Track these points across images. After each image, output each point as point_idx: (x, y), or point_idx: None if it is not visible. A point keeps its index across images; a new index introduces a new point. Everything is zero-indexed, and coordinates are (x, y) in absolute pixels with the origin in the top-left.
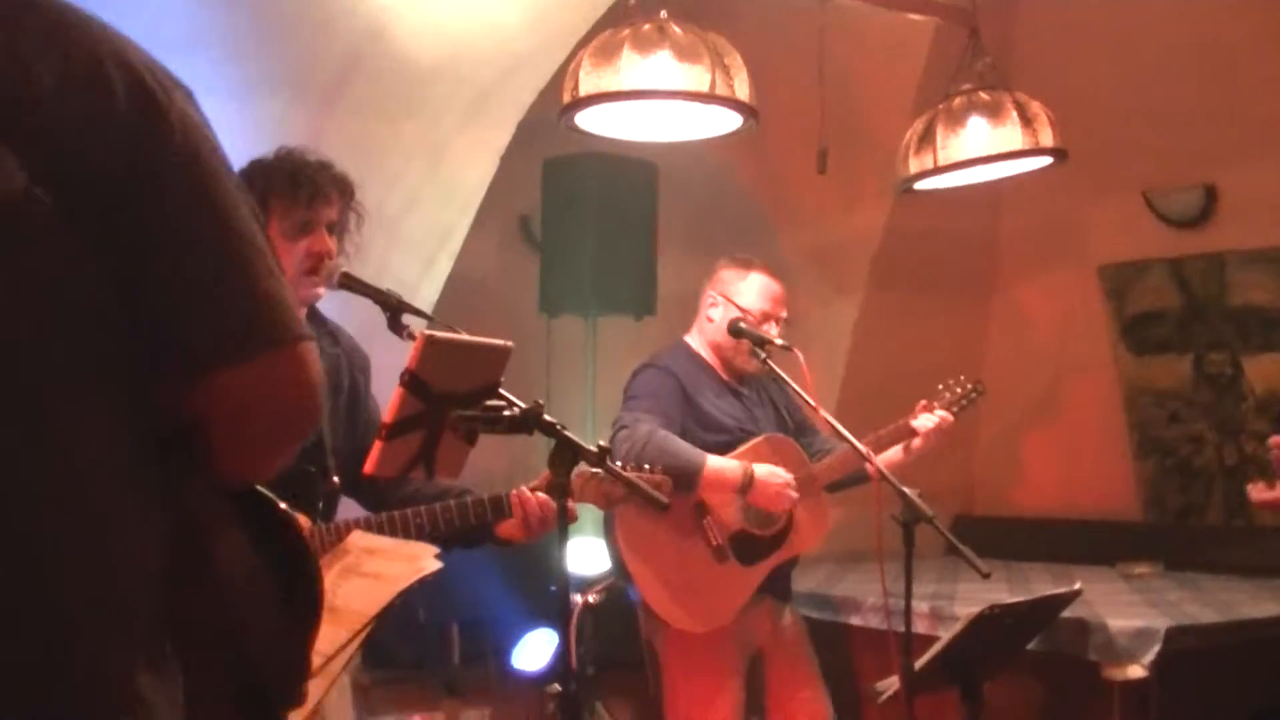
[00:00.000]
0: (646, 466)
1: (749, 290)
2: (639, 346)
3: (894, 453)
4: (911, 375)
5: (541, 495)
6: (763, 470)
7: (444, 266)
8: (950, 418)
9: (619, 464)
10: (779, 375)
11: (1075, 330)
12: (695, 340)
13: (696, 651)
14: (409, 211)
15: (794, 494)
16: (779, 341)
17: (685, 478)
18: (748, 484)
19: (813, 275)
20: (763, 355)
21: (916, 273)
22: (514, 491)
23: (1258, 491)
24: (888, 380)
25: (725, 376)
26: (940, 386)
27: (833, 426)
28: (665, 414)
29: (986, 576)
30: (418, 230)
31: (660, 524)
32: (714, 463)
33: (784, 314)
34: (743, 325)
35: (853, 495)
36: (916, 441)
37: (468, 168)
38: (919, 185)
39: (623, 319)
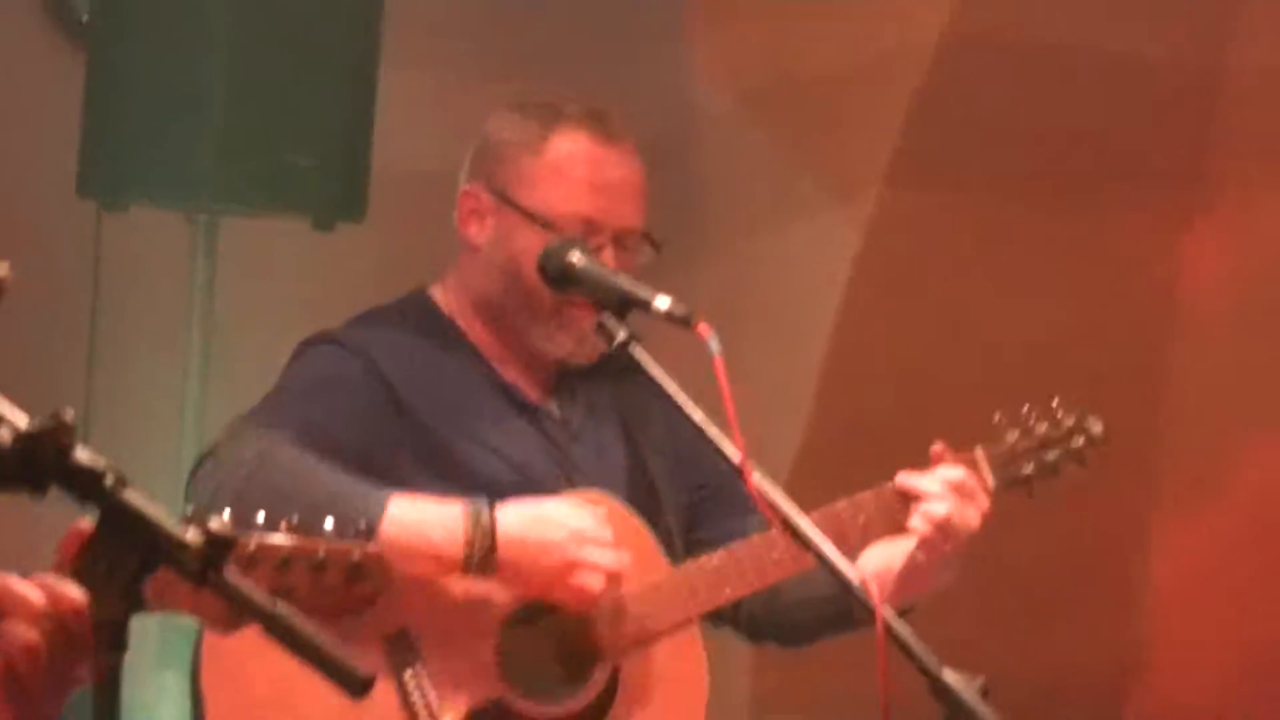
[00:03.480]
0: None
1: (548, 172)
2: (318, 291)
3: (884, 557)
4: (979, 376)
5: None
6: (535, 510)
7: None
8: (984, 484)
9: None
10: (659, 382)
11: None
12: (449, 290)
13: None
14: None
15: (609, 563)
16: (661, 304)
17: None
18: (483, 557)
19: (758, 149)
20: (621, 337)
21: (1003, 150)
22: None
23: None
24: (926, 381)
25: (509, 368)
26: (998, 417)
27: (776, 513)
28: (308, 423)
29: None
30: None
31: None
32: (403, 512)
33: (636, 221)
34: (584, 259)
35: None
36: (916, 524)
37: None
38: None
39: (286, 224)
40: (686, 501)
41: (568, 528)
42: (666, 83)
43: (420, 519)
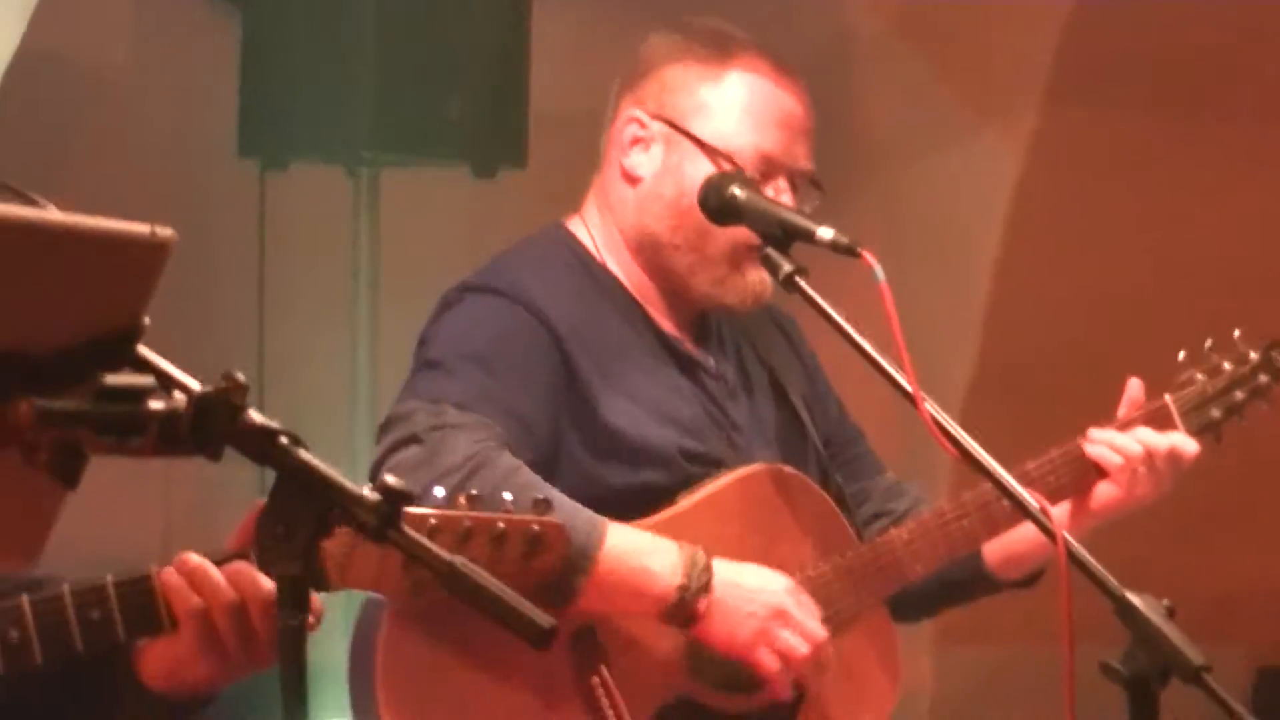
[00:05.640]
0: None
1: (729, 104)
2: (483, 240)
3: (1058, 513)
4: (1152, 295)
5: (243, 569)
6: (738, 575)
7: (11, 28)
8: (1191, 443)
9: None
10: (827, 314)
11: None
12: (594, 227)
13: None
14: None
15: (817, 634)
16: (825, 234)
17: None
18: (694, 599)
19: (912, 72)
20: (787, 269)
21: (1165, 62)
22: (167, 569)
23: None
24: (1096, 305)
25: (664, 317)
26: (1182, 356)
27: (955, 444)
28: (509, 412)
29: None
30: None
31: (493, 666)
32: (623, 541)
33: (808, 163)
34: (746, 191)
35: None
36: (1103, 492)
37: None
38: None
39: (447, 173)
40: (827, 454)
41: (773, 606)
42: (821, 6)
43: (638, 553)
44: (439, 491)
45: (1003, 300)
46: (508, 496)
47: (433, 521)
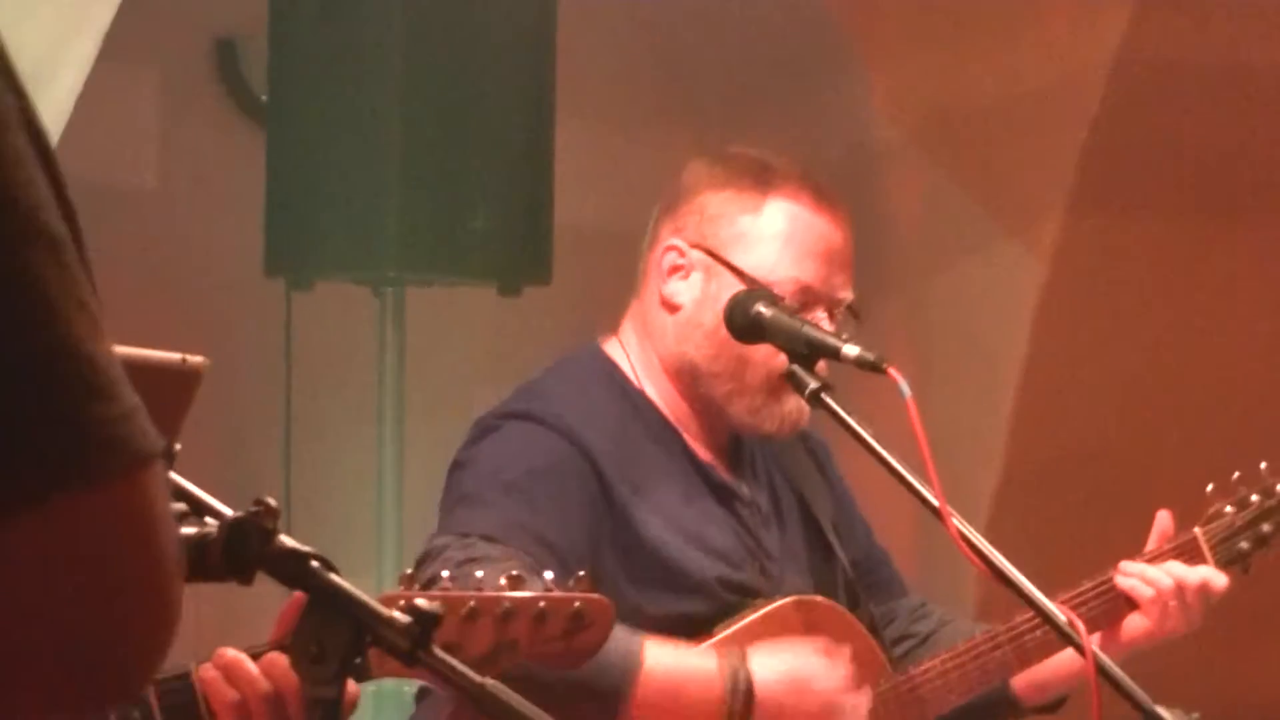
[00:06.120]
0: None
1: (768, 234)
2: (508, 356)
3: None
4: (1178, 404)
5: (279, 661)
6: (784, 675)
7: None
8: (1221, 577)
9: None
10: (854, 430)
11: None
12: (632, 352)
13: None
14: None
15: None
16: (850, 351)
17: (591, 697)
18: (742, 706)
19: (937, 182)
20: (813, 386)
21: (1188, 170)
22: (205, 665)
23: None
24: (1123, 414)
25: (699, 444)
26: (1211, 489)
27: (982, 559)
28: (541, 540)
29: None
30: None
31: None
32: (661, 662)
33: (847, 293)
34: (772, 309)
35: None
36: (1135, 624)
37: None
38: None
39: (472, 291)
40: (855, 579)
41: (823, 698)
42: (842, 118)
43: (679, 671)
44: (479, 573)
45: (1028, 409)
46: (549, 575)
47: (472, 604)
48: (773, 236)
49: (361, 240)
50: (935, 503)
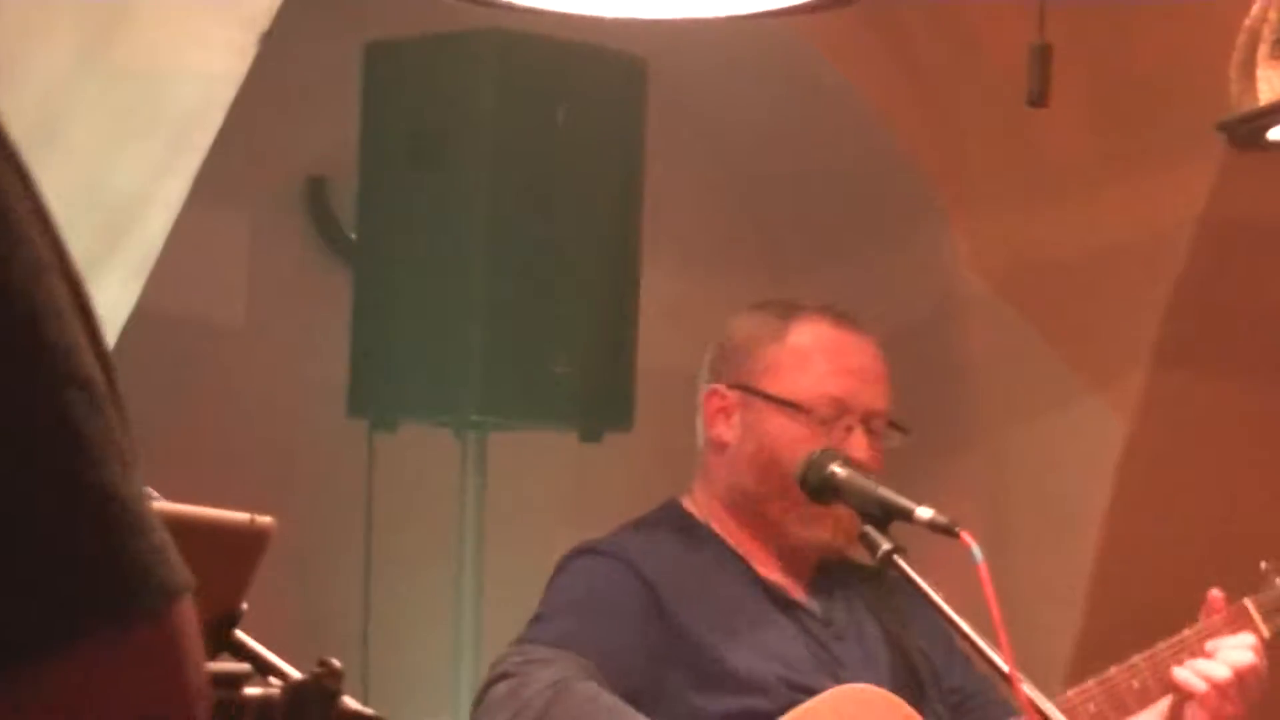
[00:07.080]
0: None
1: (793, 356)
2: (587, 500)
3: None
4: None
5: None
6: None
7: (127, 287)
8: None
9: None
10: (926, 594)
11: None
12: (699, 499)
13: None
14: (50, 145)
15: None
16: (924, 514)
17: None
18: None
19: (1019, 335)
20: (885, 548)
21: (1273, 330)
22: None
23: None
24: (1204, 573)
25: (769, 568)
26: (1264, 566)
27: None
28: (598, 649)
29: None
30: (66, 184)
31: None
32: None
33: (881, 404)
34: (846, 470)
35: None
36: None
37: (178, 65)
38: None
39: (556, 437)
40: (945, 705)
41: None
42: (925, 269)
43: None
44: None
45: (1108, 570)
46: None
47: None
48: (799, 358)
49: (444, 383)
50: (1005, 669)
